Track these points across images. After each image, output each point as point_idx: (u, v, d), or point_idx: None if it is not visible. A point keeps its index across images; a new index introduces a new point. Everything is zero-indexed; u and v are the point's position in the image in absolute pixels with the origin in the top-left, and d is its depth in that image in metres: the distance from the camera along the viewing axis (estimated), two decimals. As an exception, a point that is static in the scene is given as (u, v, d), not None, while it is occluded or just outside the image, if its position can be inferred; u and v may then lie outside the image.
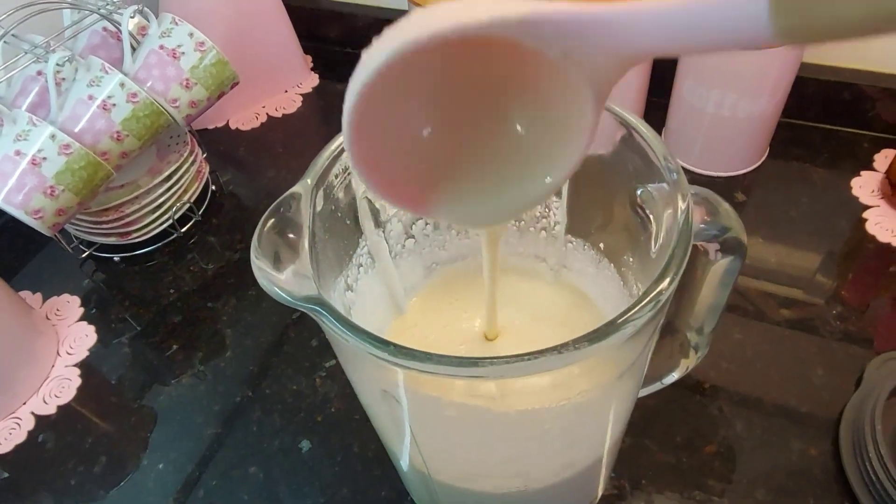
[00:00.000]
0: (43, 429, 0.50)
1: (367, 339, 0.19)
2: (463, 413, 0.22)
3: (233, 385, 0.51)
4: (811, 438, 0.43)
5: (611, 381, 0.23)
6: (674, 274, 0.21)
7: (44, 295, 0.59)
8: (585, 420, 0.25)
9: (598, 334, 0.19)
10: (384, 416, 0.26)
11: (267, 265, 0.22)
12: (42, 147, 0.47)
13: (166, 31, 0.54)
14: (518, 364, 0.19)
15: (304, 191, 0.24)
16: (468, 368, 0.19)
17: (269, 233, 0.23)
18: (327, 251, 0.26)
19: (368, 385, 0.25)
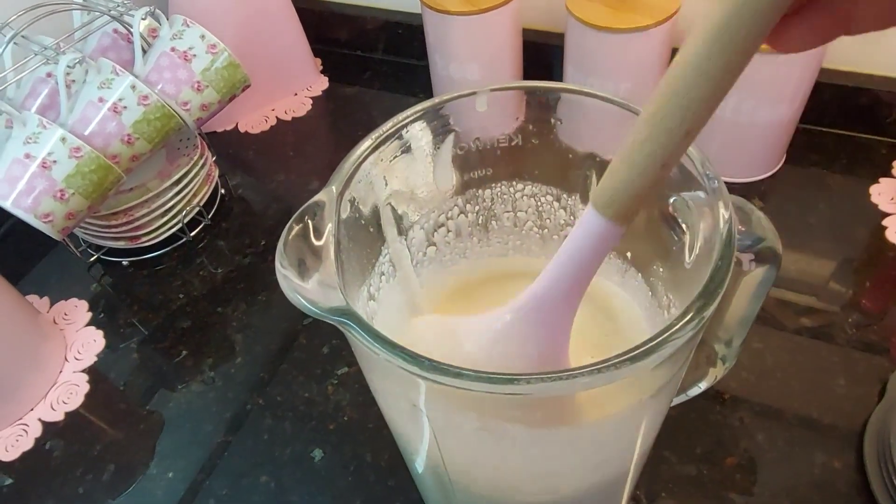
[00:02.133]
0: (50, 436, 0.49)
1: (399, 353, 0.19)
2: (495, 430, 0.21)
3: (243, 392, 0.50)
4: (835, 450, 0.42)
5: (647, 398, 0.22)
6: (717, 289, 0.20)
7: (51, 299, 0.58)
8: (620, 436, 0.24)
9: (641, 352, 0.19)
10: (409, 429, 0.25)
11: (292, 274, 0.21)
12: (52, 150, 0.47)
13: (178, 33, 0.53)
14: (556, 383, 0.18)
15: (328, 198, 0.24)
16: (503, 385, 0.18)
17: (294, 240, 0.22)
18: (351, 260, 0.26)
19: (395, 398, 0.24)
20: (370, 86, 0.76)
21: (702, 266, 0.24)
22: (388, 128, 0.26)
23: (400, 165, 0.28)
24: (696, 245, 0.24)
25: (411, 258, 0.31)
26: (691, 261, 0.25)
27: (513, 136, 0.29)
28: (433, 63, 0.64)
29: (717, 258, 0.21)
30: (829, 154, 0.61)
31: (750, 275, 0.27)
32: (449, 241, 0.33)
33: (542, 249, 0.34)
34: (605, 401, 0.21)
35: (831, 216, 0.56)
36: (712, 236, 0.22)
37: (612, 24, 0.53)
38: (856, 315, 0.49)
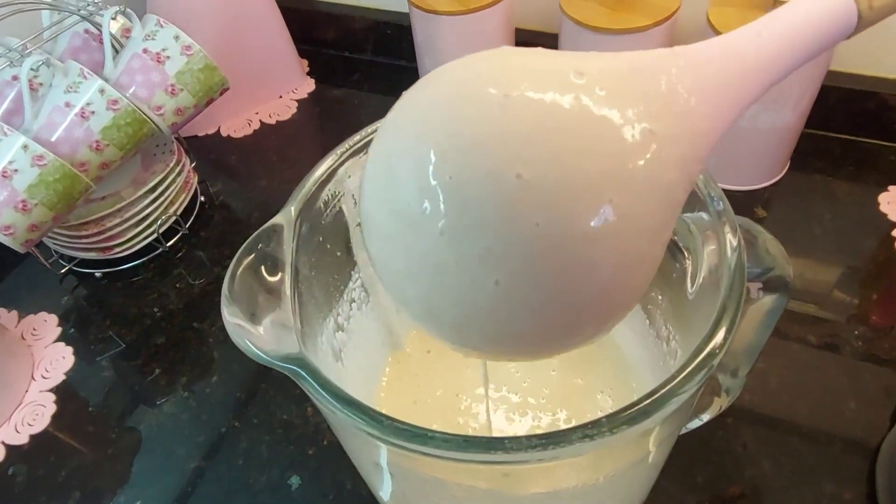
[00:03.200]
0: (14, 460, 0.46)
1: (357, 412, 0.16)
2: (470, 495, 0.19)
3: (218, 413, 0.47)
4: (845, 480, 0.40)
5: (645, 455, 0.20)
6: (726, 334, 0.17)
7: (20, 313, 0.55)
8: (613, 496, 0.21)
9: (639, 413, 0.16)
10: (377, 485, 0.23)
11: (241, 317, 0.18)
12: (13, 158, 0.44)
13: (150, 34, 0.50)
14: (538, 452, 0.15)
15: (286, 221, 0.21)
16: (477, 454, 0.16)
17: (243, 275, 0.19)
18: (313, 290, 0.23)
19: (359, 454, 0.22)
20: (359, 88, 0.73)
21: (706, 297, 0.21)
22: (357, 140, 0.24)
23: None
24: (699, 273, 0.22)
25: (387, 282, 0.29)
26: (694, 291, 0.22)
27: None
28: (422, 65, 0.61)
29: (724, 295, 0.18)
30: (834, 160, 0.58)
31: (758, 303, 0.24)
32: (429, 262, 0.30)
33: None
34: (598, 463, 0.18)
35: (837, 225, 0.54)
36: (719, 266, 0.20)
37: (608, 24, 0.50)
38: (864, 330, 0.46)
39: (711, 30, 0.49)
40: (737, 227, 0.20)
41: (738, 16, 0.49)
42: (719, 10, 0.49)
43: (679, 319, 0.24)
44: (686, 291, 0.23)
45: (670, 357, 0.25)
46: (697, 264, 0.22)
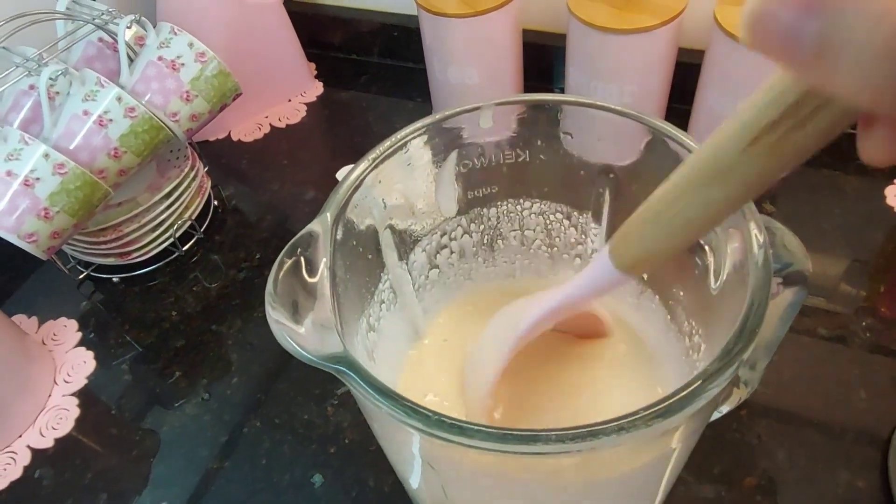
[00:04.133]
0: (40, 464, 0.47)
1: (404, 408, 0.17)
2: (509, 485, 0.19)
3: (239, 414, 0.48)
4: (858, 469, 0.40)
5: (674, 448, 0.20)
6: (755, 328, 0.18)
7: (39, 319, 0.56)
8: (643, 484, 0.22)
9: (674, 406, 0.17)
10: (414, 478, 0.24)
11: (285, 317, 0.19)
12: (35, 167, 0.45)
13: (165, 42, 0.51)
14: (576, 444, 0.16)
15: (322, 227, 0.22)
16: (516, 445, 0.16)
17: (286, 277, 0.20)
18: (349, 291, 0.24)
19: (398, 448, 0.22)
20: (366, 90, 0.74)
21: (731, 293, 0.22)
22: (387, 147, 0.24)
23: (400, 186, 0.26)
24: (722, 270, 0.22)
25: (413, 283, 0.29)
26: (718, 286, 0.23)
27: (520, 152, 0.27)
28: (430, 67, 0.62)
29: (752, 290, 0.19)
30: (841, 155, 0.58)
31: (778, 297, 0.25)
32: (453, 263, 0.31)
33: (552, 269, 0.32)
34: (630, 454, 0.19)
35: (845, 219, 0.54)
36: (744, 262, 0.20)
37: (615, 24, 0.51)
38: (873, 322, 0.47)
39: (719, 28, 0.49)
40: (761, 222, 0.20)
41: (745, 14, 0.49)
42: (726, 10, 0.50)
43: (702, 314, 0.25)
44: (709, 287, 0.23)
45: (693, 351, 0.26)
46: (721, 261, 0.22)
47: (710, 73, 0.53)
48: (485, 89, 0.60)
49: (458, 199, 0.29)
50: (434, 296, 0.31)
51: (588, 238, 0.30)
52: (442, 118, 0.25)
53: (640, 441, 0.18)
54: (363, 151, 0.68)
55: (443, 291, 0.32)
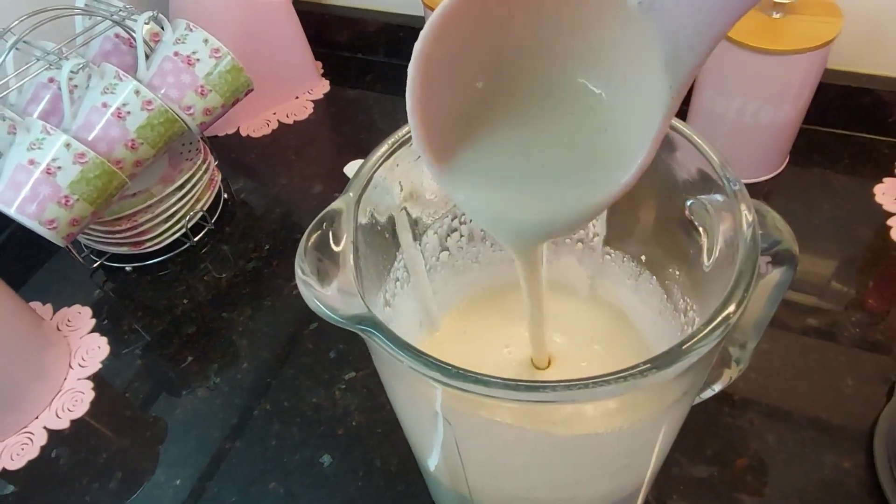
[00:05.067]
0: (56, 444, 0.49)
1: (423, 360, 0.19)
2: (520, 437, 0.21)
3: (250, 398, 0.50)
4: (844, 451, 0.42)
5: (670, 404, 0.22)
6: (743, 294, 0.20)
7: (54, 306, 0.58)
8: (644, 441, 0.24)
9: (667, 359, 0.18)
10: (428, 435, 0.25)
11: (313, 280, 0.21)
12: (57, 156, 0.46)
13: (181, 38, 0.53)
14: (580, 391, 0.18)
15: (346, 205, 0.23)
16: (528, 393, 0.18)
17: (313, 247, 0.22)
18: (369, 266, 0.26)
19: (414, 405, 0.24)
20: (371, 88, 0.76)
21: (722, 269, 0.24)
22: (405, 132, 0.26)
23: (415, 170, 0.28)
24: (714, 248, 0.24)
25: (425, 263, 0.31)
26: (710, 264, 0.25)
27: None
28: (436, 66, 0.63)
29: (741, 262, 0.21)
30: (832, 154, 0.61)
31: (767, 277, 0.27)
32: (462, 246, 0.33)
33: (554, 253, 0.34)
34: (632, 407, 0.21)
35: (835, 216, 0.56)
36: (734, 239, 0.22)
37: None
38: (861, 315, 0.49)
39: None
40: (751, 204, 0.22)
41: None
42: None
43: (696, 291, 0.27)
44: (702, 266, 0.25)
45: (688, 326, 0.28)
46: (713, 240, 0.24)
47: (706, 73, 0.55)
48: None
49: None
50: (444, 277, 0.33)
51: (590, 223, 0.32)
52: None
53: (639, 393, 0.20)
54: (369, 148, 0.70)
55: (451, 274, 0.33)
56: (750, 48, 0.50)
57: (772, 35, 0.50)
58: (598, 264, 0.33)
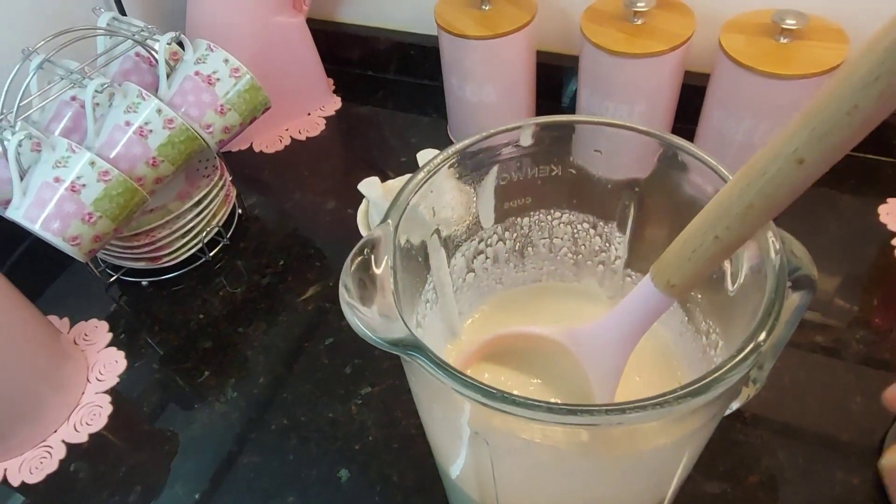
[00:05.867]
0: (75, 458, 0.49)
1: (470, 384, 0.19)
2: (557, 457, 0.22)
3: (266, 412, 0.50)
4: (853, 467, 0.43)
5: (699, 426, 0.23)
6: (773, 322, 0.21)
7: (70, 320, 0.58)
8: (673, 460, 0.25)
9: (702, 386, 0.19)
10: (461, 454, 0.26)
11: (359, 304, 0.22)
12: (81, 173, 0.47)
13: (202, 58, 0.54)
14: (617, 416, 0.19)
15: (384, 232, 0.24)
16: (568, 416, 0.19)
17: (356, 272, 0.23)
18: (405, 289, 0.26)
19: (451, 425, 0.25)
20: (383, 105, 0.77)
21: (747, 294, 0.25)
22: (441, 160, 0.27)
23: (448, 197, 0.28)
24: (739, 274, 0.25)
25: (452, 285, 0.32)
26: (735, 289, 0.26)
27: (553, 167, 0.30)
28: (449, 85, 0.65)
29: (770, 289, 0.22)
30: (837, 175, 0.61)
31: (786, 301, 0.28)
32: (487, 268, 0.34)
33: (576, 275, 0.35)
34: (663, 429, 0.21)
35: (841, 236, 0.57)
36: (761, 266, 0.23)
37: (627, 49, 0.54)
38: (867, 332, 0.50)
39: (723, 54, 0.53)
40: (777, 231, 0.23)
41: (748, 41, 0.53)
42: (731, 37, 0.53)
43: (719, 314, 0.28)
44: (726, 290, 0.26)
45: (710, 348, 0.29)
46: (738, 267, 0.25)
47: (715, 95, 0.57)
48: (500, 106, 0.63)
49: (495, 209, 0.31)
50: (468, 298, 0.34)
51: (612, 246, 0.33)
52: (487, 135, 0.28)
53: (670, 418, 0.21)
54: (382, 164, 0.71)
55: (476, 294, 0.34)
56: (758, 72, 0.51)
57: (780, 60, 0.52)
58: (619, 286, 0.34)
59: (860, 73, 0.17)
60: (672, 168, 0.27)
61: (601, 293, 0.35)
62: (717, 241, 0.22)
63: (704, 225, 0.22)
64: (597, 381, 0.28)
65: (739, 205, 0.21)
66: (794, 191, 0.20)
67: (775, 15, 0.52)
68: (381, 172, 0.60)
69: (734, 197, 0.21)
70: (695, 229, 0.23)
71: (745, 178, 0.21)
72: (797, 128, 0.19)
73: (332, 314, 0.56)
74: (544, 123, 0.28)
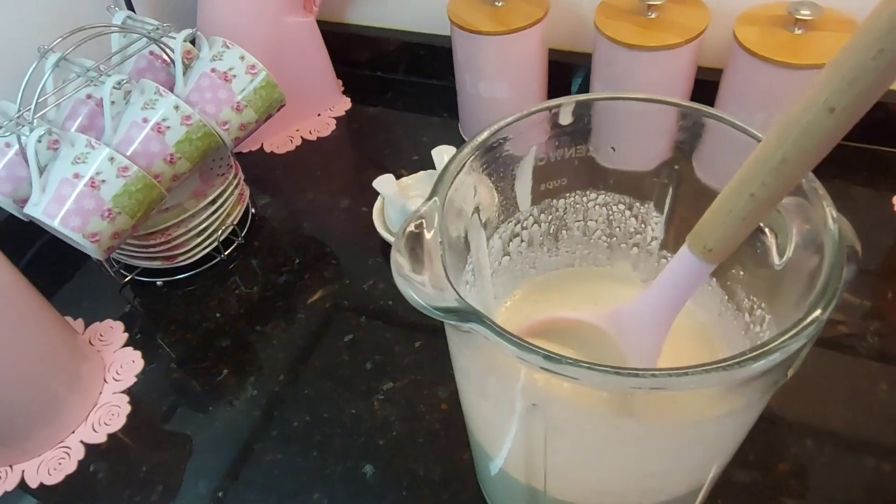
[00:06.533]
0: (94, 458, 0.49)
1: (526, 345, 0.19)
2: (612, 426, 0.22)
3: (288, 410, 0.50)
4: (884, 454, 0.43)
5: (758, 396, 0.23)
6: (836, 290, 0.21)
7: (85, 320, 0.58)
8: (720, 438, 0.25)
9: (762, 352, 0.19)
10: (510, 430, 0.26)
11: (412, 273, 0.22)
12: (100, 169, 0.47)
13: (218, 55, 0.54)
14: (681, 377, 0.19)
15: (432, 208, 0.24)
16: (619, 377, 0.19)
17: (407, 241, 0.23)
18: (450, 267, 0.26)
19: (503, 401, 0.25)
20: (392, 106, 0.77)
21: (797, 266, 0.24)
22: (483, 138, 0.27)
23: (486, 176, 0.28)
24: (788, 247, 0.25)
25: (490, 267, 0.32)
26: (782, 262, 0.26)
27: (590, 146, 0.30)
28: (462, 82, 0.65)
29: (830, 259, 0.21)
30: (850, 167, 0.62)
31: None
32: (521, 251, 0.34)
33: (609, 259, 0.35)
34: (720, 400, 0.21)
35: (855, 227, 0.57)
36: (815, 237, 0.23)
37: (640, 42, 0.55)
38: (883, 323, 0.50)
39: (739, 46, 0.53)
40: (831, 204, 0.23)
41: (763, 33, 0.53)
42: (745, 28, 0.54)
43: (765, 289, 0.28)
44: (772, 265, 0.26)
45: (755, 324, 0.28)
46: (786, 239, 0.25)
47: (729, 89, 0.57)
48: (513, 102, 0.63)
49: (532, 191, 0.31)
50: (503, 282, 0.34)
51: (648, 227, 0.33)
52: (526, 114, 0.28)
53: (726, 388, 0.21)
54: (394, 163, 0.71)
55: (510, 278, 0.34)
56: (772, 62, 0.52)
57: (793, 50, 0.52)
58: (654, 269, 0.34)
59: (883, 18, 0.17)
60: (715, 142, 0.27)
61: (635, 276, 0.35)
62: (753, 199, 0.22)
63: (739, 184, 0.22)
64: (635, 363, 0.28)
65: (773, 159, 0.21)
66: (826, 141, 0.20)
67: (790, 6, 0.52)
68: (394, 171, 0.60)
69: (768, 152, 0.21)
70: (730, 190, 0.23)
71: (778, 133, 0.21)
72: (826, 78, 0.19)
73: (351, 311, 0.56)
74: (583, 101, 0.28)
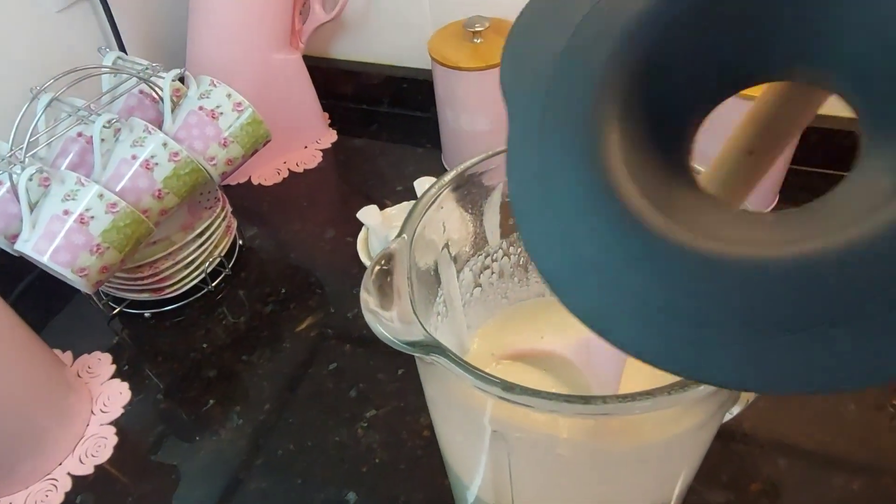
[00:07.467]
0: (80, 490, 0.49)
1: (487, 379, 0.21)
2: (573, 450, 0.23)
3: (273, 438, 0.51)
4: (853, 472, 0.44)
5: (709, 416, 0.24)
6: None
7: (73, 353, 0.59)
8: (681, 454, 0.26)
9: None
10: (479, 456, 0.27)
11: (379, 309, 0.23)
12: (90, 206, 0.48)
13: (205, 93, 0.56)
14: (630, 403, 0.20)
15: (401, 245, 0.26)
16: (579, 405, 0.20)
17: (375, 279, 0.24)
18: (420, 300, 0.28)
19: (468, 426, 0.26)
20: (377, 137, 0.79)
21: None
22: (448, 178, 0.29)
23: (456, 212, 0.30)
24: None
25: (461, 299, 0.33)
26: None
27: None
28: (443, 116, 0.67)
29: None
30: (819, 193, 0.64)
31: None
32: (493, 283, 0.35)
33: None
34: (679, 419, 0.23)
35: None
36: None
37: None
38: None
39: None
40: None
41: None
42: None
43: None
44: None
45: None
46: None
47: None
48: (494, 136, 0.65)
49: (500, 225, 0.33)
50: (476, 312, 0.35)
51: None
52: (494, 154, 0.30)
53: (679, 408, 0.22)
54: (378, 194, 0.73)
55: (483, 309, 0.36)
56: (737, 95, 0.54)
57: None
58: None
59: None
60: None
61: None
62: None
63: None
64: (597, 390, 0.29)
65: None
66: None
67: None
68: (378, 202, 0.62)
69: None
70: None
71: None
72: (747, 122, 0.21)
73: (335, 340, 0.57)
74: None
